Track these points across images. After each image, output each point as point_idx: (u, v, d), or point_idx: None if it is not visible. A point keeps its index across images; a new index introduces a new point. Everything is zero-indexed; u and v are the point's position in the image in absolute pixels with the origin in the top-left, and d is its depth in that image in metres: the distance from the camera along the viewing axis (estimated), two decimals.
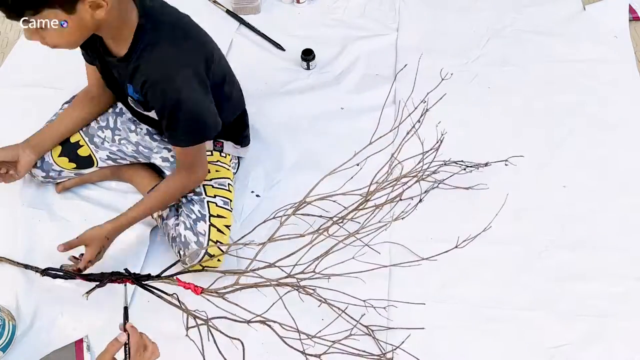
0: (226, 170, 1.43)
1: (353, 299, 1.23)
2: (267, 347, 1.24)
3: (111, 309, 1.27)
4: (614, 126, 1.63)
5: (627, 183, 1.51)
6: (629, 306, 1.30)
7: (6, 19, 1.01)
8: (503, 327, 1.28)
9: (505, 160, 1.51)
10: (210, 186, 1.38)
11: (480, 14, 1.96)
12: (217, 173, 1.41)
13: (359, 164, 1.34)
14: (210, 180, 1.39)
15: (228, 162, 1.46)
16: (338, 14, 1.99)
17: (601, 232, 1.42)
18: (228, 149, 1.47)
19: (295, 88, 1.78)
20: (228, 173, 1.43)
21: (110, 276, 1.18)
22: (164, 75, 1.15)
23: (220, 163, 1.43)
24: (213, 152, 1.44)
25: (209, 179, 1.38)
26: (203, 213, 1.33)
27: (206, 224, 1.32)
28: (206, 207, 1.34)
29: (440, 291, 1.34)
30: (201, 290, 1.16)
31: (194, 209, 1.34)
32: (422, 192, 1.43)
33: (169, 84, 1.15)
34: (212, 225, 1.32)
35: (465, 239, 1.30)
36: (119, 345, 0.97)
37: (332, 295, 1.22)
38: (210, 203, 1.35)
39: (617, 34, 1.87)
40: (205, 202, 1.35)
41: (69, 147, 1.44)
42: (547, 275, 1.36)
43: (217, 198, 1.36)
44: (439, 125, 1.46)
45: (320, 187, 1.31)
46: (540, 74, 1.78)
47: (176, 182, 1.32)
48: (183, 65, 1.16)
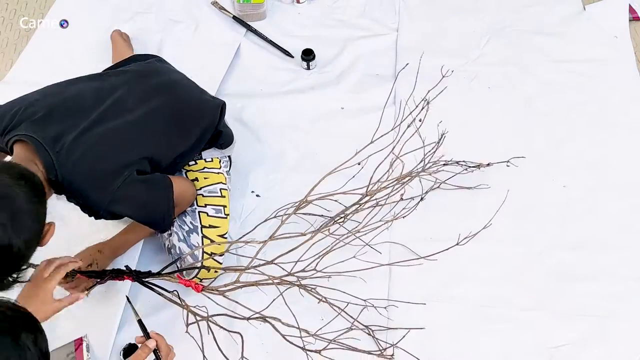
0: (216, 175, 1.40)
1: (354, 298, 1.23)
2: (267, 345, 1.24)
3: (111, 309, 1.27)
4: (614, 126, 1.63)
5: (627, 183, 1.51)
6: (629, 306, 1.30)
7: (6, 19, 1.00)
8: (503, 327, 1.28)
9: (507, 161, 1.51)
10: (201, 195, 1.36)
11: (480, 14, 1.96)
12: (206, 180, 1.38)
13: (360, 163, 1.34)
14: (200, 189, 1.36)
15: (217, 165, 1.42)
16: (338, 14, 1.99)
17: (601, 232, 1.42)
18: (211, 154, 1.43)
19: (295, 88, 1.78)
20: (219, 177, 1.40)
21: (110, 273, 1.17)
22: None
23: (207, 169, 1.40)
24: (197, 161, 1.40)
25: (198, 187, 1.36)
26: (195, 224, 1.32)
27: (199, 236, 1.30)
28: (197, 218, 1.33)
29: (440, 291, 1.34)
30: (202, 288, 1.16)
31: (186, 220, 1.32)
32: (423, 191, 1.43)
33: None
34: (205, 236, 1.30)
35: (466, 237, 1.29)
36: (149, 351, 1.03)
37: (333, 294, 1.22)
38: (202, 213, 1.33)
39: (617, 34, 1.86)
40: (196, 212, 1.33)
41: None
42: (547, 275, 1.35)
43: (208, 207, 1.34)
44: (439, 124, 1.46)
45: (321, 187, 1.31)
46: (540, 74, 1.77)
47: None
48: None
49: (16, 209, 0.88)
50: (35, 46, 1.91)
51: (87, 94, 1.19)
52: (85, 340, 1.25)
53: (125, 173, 1.13)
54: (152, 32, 1.93)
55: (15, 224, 0.87)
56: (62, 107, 1.15)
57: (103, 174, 1.12)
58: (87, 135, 1.12)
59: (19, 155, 1.09)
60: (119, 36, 1.84)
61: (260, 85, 1.79)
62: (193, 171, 1.39)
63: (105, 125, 1.15)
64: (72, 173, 1.08)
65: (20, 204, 0.89)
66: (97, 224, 1.29)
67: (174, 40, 1.91)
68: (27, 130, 1.08)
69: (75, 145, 1.10)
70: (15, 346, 0.71)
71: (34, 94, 1.18)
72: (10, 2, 2.07)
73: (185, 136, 1.30)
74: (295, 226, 1.28)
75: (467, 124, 1.64)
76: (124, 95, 1.21)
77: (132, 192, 1.15)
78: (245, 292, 1.19)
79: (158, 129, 1.23)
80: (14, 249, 0.86)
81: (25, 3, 2.06)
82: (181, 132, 1.28)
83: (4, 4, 2.06)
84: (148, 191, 1.18)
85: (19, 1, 2.07)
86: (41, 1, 2.07)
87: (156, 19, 1.97)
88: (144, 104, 1.22)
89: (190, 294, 1.20)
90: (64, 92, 1.18)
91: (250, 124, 1.68)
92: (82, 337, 1.26)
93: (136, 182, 1.15)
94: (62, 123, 1.11)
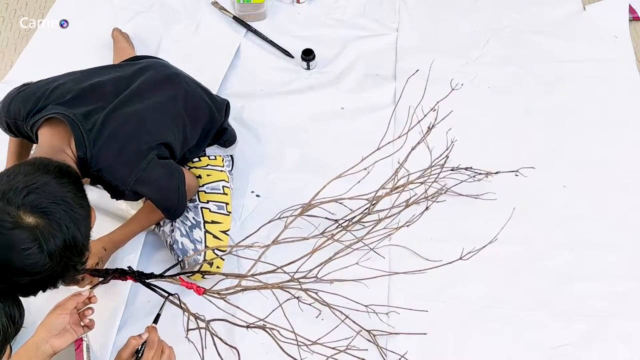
0: (219, 173, 1.41)
1: (355, 303, 1.23)
2: (268, 347, 1.24)
3: (111, 309, 1.27)
4: (614, 126, 1.63)
5: (627, 183, 1.51)
6: (629, 306, 1.30)
7: (6, 19, 1.01)
8: (503, 327, 1.28)
9: (516, 170, 1.50)
10: (203, 192, 1.37)
11: (480, 14, 1.96)
12: (209, 177, 1.39)
13: (366, 168, 1.33)
14: (203, 186, 1.37)
15: (220, 163, 1.43)
16: (338, 14, 1.99)
17: (601, 232, 1.42)
18: (214, 151, 1.45)
19: (295, 88, 1.78)
20: (222, 175, 1.41)
21: (114, 272, 1.17)
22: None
23: (210, 167, 1.41)
24: (200, 158, 1.42)
25: (201, 184, 1.37)
26: (197, 220, 1.33)
27: (201, 231, 1.31)
28: (200, 213, 1.33)
29: (440, 291, 1.33)
30: (203, 291, 1.16)
31: (188, 216, 1.33)
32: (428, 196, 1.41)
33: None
34: (208, 232, 1.31)
35: (470, 252, 1.25)
36: (141, 341, 1.01)
37: (333, 298, 1.21)
38: (204, 209, 1.34)
39: (617, 34, 1.86)
40: (199, 208, 1.34)
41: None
42: (547, 275, 1.35)
43: (210, 204, 1.35)
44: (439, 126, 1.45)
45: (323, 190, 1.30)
46: (540, 74, 1.77)
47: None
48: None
49: (70, 208, 0.92)
50: (35, 46, 1.91)
51: (107, 82, 1.21)
52: (85, 340, 1.25)
53: (149, 156, 1.16)
54: (152, 32, 1.93)
55: (74, 222, 0.92)
56: (88, 90, 1.17)
57: (132, 153, 1.14)
58: (116, 114, 1.15)
59: (46, 138, 1.11)
60: (120, 34, 1.84)
61: (260, 85, 1.79)
62: (197, 168, 1.40)
63: (131, 107, 1.18)
64: (103, 151, 1.11)
65: (71, 203, 0.93)
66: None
67: (174, 40, 1.91)
68: (57, 110, 1.10)
69: (106, 124, 1.12)
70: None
71: (52, 81, 1.20)
72: (10, 2, 2.07)
73: (195, 129, 1.33)
74: (298, 230, 1.27)
75: (467, 124, 1.64)
76: (142, 83, 1.24)
77: (155, 175, 1.18)
78: (247, 294, 1.19)
79: (173, 116, 1.26)
80: (78, 244, 0.93)
81: (25, 3, 2.07)
82: (192, 124, 1.31)
83: (4, 4, 2.06)
84: (167, 176, 1.21)
85: (19, 1, 2.07)
86: (41, 1, 2.07)
87: (156, 19, 1.97)
88: (160, 91, 1.25)
89: (191, 294, 1.20)
90: (84, 80, 1.20)
91: (250, 124, 1.67)
92: (82, 337, 1.26)
93: (158, 165, 1.18)
94: (88, 105, 1.14)
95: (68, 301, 1.06)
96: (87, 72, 1.26)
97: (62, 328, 1.05)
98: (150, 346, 1.01)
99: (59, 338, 1.05)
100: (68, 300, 1.07)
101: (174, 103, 1.26)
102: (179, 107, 1.27)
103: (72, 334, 1.07)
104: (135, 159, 1.14)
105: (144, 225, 1.35)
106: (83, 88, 1.17)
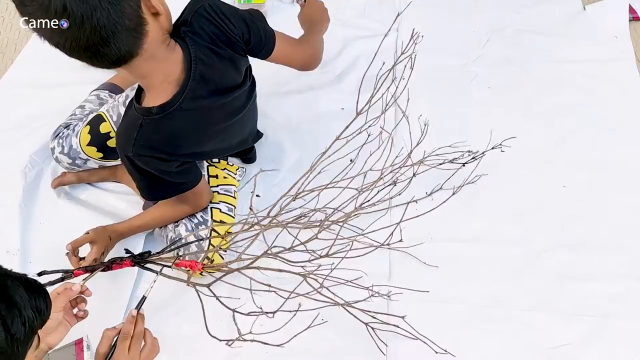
0: (232, 178, 1.46)
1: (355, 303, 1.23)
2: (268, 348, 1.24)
3: (112, 309, 1.27)
4: (614, 126, 1.63)
5: (627, 183, 1.51)
6: (629, 306, 1.30)
7: (6, 19, 1.00)
8: (503, 327, 1.28)
9: (500, 145, 1.47)
10: (217, 192, 1.40)
11: (480, 14, 1.96)
12: (225, 180, 1.43)
13: (352, 160, 1.36)
14: (217, 187, 1.41)
15: (234, 170, 1.48)
16: (338, 14, 1.99)
17: (601, 232, 1.42)
18: (233, 160, 1.51)
19: (295, 88, 1.78)
20: (234, 181, 1.46)
21: (113, 262, 1.16)
22: None
23: (227, 170, 1.46)
24: (220, 160, 1.47)
25: (216, 184, 1.41)
26: (205, 218, 1.34)
27: (208, 229, 1.32)
28: (209, 212, 1.35)
29: (439, 291, 1.33)
30: (202, 267, 1.15)
31: (196, 214, 1.34)
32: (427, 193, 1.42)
33: None
34: (213, 230, 1.32)
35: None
36: (116, 332, 0.95)
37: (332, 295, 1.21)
38: (214, 209, 1.36)
39: (617, 34, 1.86)
40: (209, 207, 1.36)
41: (99, 137, 1.41)
42: (547, 275, 1.35)
43: (221, 204, 1.38)
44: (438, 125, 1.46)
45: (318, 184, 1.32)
46: (540, 74, 1.77)
47: (184, 208, 1.32)
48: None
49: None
50: (35, 46, 1.91)
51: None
52: (85, 340, 1.25)
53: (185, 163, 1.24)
54: None
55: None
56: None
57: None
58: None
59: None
60: None
61: (261, 85, 1.78)
62: (216, 167, 1.44)
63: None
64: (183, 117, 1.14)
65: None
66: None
67: None
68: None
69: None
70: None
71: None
72: (10, 2, 2.06)
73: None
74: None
75: (467, 124, 1.64)
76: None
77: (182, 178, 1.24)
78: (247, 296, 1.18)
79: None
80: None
81: None
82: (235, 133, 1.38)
83: (4, 4, 2.06)
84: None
85: None
86: None
87: None
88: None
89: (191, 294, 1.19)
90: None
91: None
92: (82, 338, 1.26)
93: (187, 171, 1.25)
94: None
95: (59, 298, 1.00)
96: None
97: (55, 326, 1.00)
98: (124, 337, 0.92)
99: (54, 334, 0.99)
100: (59, 297, 1.00)
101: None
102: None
103: (66, 325, 1.02)
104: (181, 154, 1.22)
105: (149, 224, 1.36)
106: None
